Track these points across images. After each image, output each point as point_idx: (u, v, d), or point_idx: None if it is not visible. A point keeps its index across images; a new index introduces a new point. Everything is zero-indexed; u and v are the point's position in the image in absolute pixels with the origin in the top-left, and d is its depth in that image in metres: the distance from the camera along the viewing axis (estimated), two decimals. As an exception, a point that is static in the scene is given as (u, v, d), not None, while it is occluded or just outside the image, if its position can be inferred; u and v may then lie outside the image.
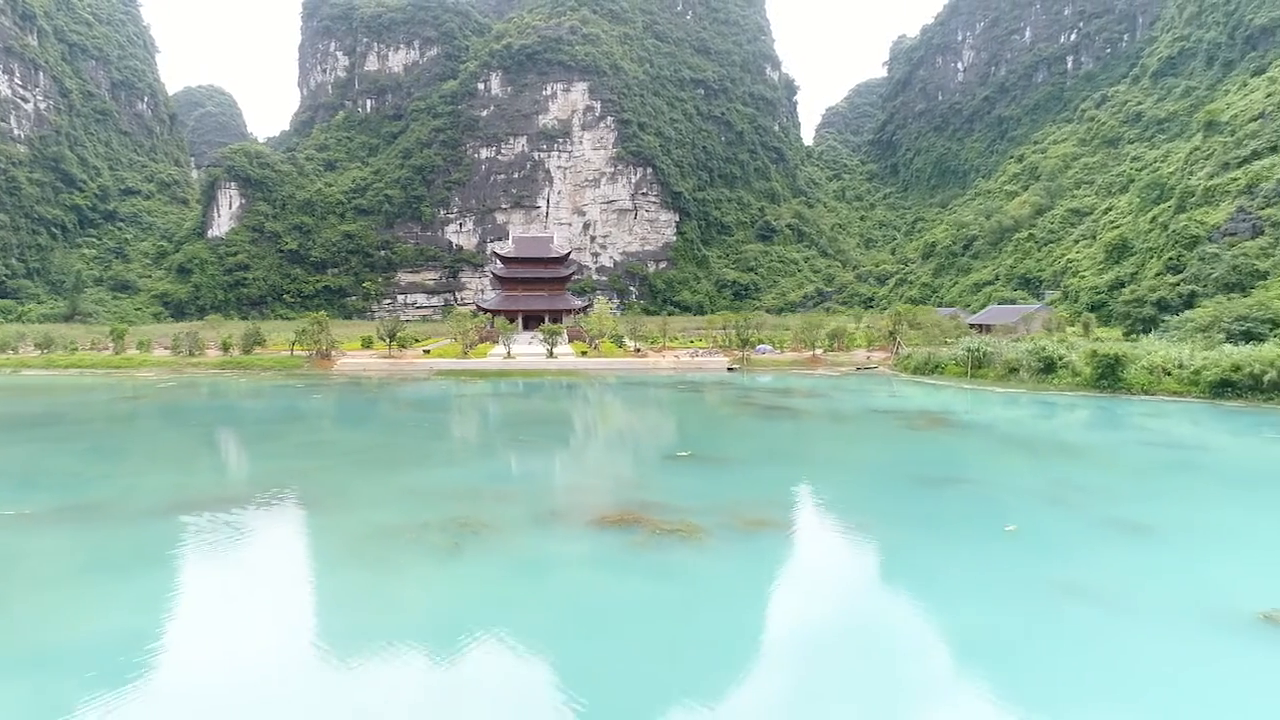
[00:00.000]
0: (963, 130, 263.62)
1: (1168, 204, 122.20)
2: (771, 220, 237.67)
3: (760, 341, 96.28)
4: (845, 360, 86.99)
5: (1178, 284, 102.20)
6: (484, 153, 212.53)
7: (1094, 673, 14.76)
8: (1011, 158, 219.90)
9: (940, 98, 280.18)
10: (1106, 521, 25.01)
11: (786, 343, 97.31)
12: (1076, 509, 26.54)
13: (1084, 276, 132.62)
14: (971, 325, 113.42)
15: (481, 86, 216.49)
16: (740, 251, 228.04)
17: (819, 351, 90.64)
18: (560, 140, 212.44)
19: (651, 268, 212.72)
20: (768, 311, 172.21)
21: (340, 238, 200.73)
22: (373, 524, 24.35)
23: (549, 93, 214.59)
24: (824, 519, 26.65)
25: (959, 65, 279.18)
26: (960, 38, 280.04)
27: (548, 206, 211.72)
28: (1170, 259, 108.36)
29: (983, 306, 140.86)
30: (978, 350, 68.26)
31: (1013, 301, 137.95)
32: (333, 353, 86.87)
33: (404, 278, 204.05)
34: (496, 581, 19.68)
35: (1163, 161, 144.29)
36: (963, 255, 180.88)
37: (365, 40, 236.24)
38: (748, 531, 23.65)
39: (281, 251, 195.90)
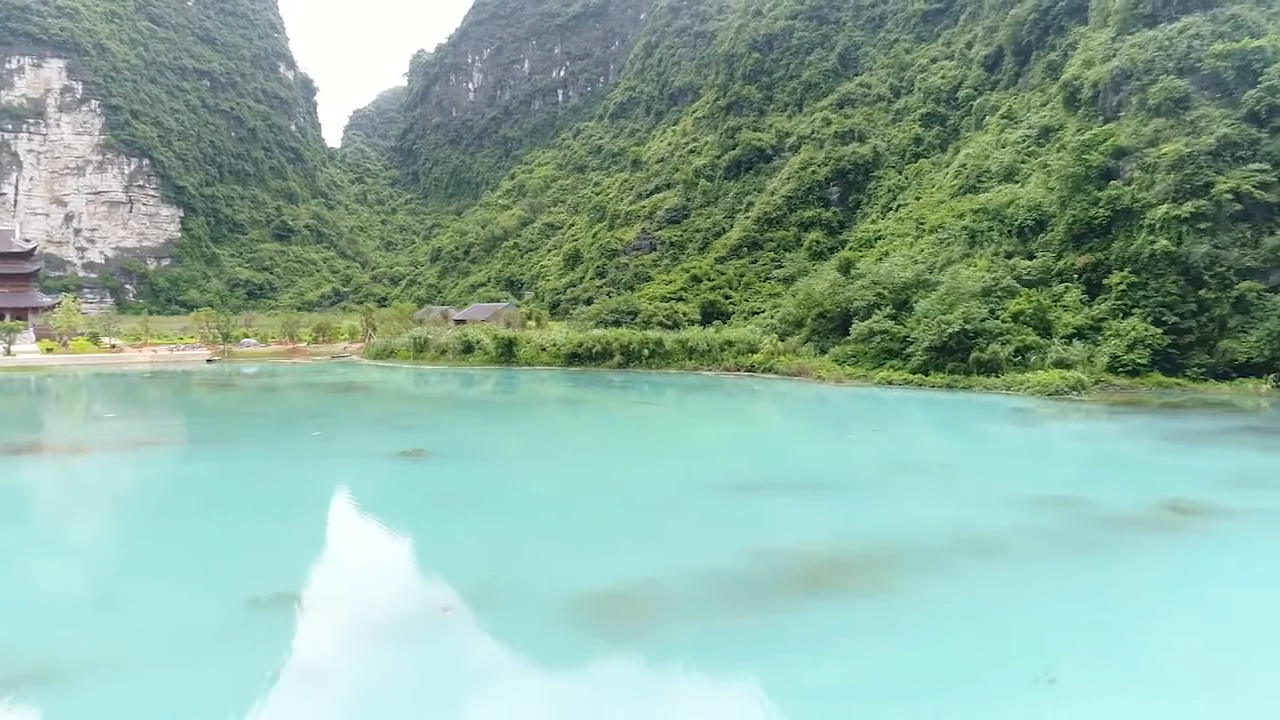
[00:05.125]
0: (474, 145, 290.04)
1: (604, 223, 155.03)
2: (289, 220, 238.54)
3: (246, 336, 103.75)
4: (326, 351, 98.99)
5: (601, 286, 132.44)
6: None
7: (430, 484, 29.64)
8: (508, 175, 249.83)
9: (454, 113, 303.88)
10: (391, 428, 41.28)
11: (274, 337, 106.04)
12: (381, 424, 42.50)
13: (550, 280, 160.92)
14: (457, 320, 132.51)
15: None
16: (255, 250, 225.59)
17: (301, 344, 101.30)
18: (31, 121, 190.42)
19: (152, 265, 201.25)
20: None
21: None
22: None
23: (15, 66, 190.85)
24: (198, 437, 38.98)
25: (470, 85, 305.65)
26: (471, 60, 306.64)
27: (16, 194, 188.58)
28: (598, 266, 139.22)
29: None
30: (419, 338, 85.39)
31: (498, 300, 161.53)
32: None
33: None
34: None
35: (609, 189, 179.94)
36: (463, 260, 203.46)
37: None
38: (134, 448, 35.22)
39: None
